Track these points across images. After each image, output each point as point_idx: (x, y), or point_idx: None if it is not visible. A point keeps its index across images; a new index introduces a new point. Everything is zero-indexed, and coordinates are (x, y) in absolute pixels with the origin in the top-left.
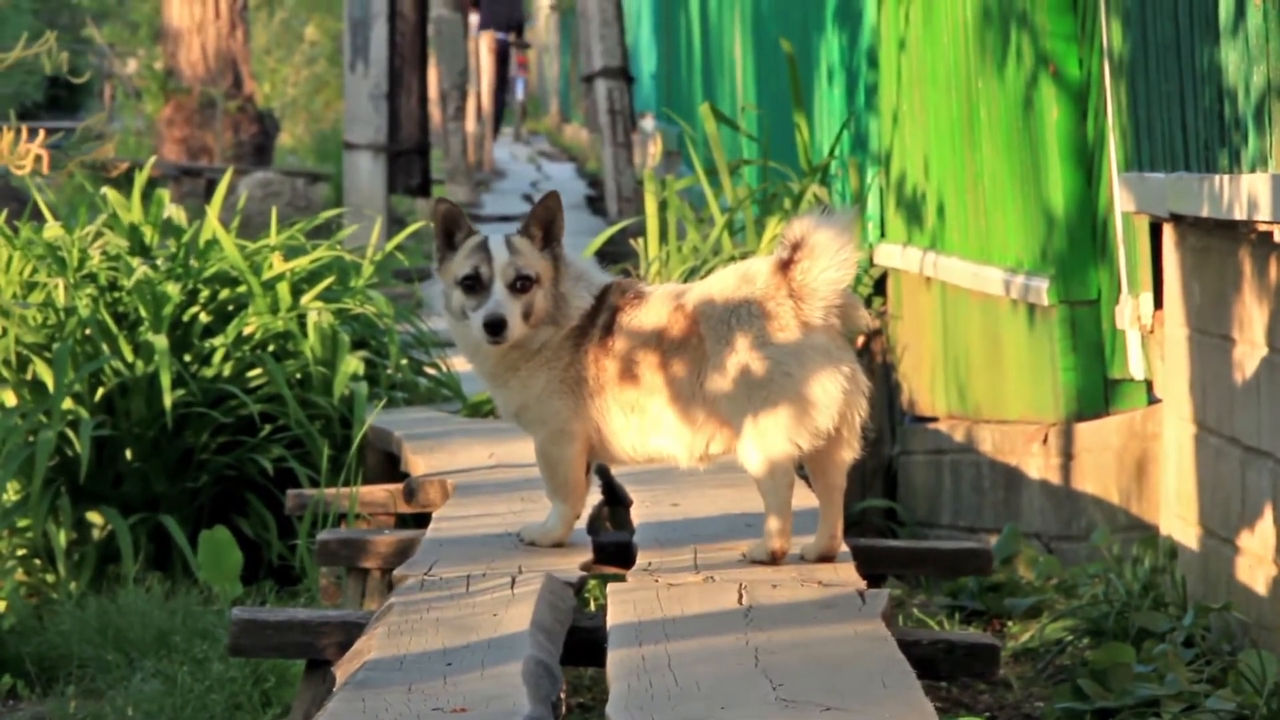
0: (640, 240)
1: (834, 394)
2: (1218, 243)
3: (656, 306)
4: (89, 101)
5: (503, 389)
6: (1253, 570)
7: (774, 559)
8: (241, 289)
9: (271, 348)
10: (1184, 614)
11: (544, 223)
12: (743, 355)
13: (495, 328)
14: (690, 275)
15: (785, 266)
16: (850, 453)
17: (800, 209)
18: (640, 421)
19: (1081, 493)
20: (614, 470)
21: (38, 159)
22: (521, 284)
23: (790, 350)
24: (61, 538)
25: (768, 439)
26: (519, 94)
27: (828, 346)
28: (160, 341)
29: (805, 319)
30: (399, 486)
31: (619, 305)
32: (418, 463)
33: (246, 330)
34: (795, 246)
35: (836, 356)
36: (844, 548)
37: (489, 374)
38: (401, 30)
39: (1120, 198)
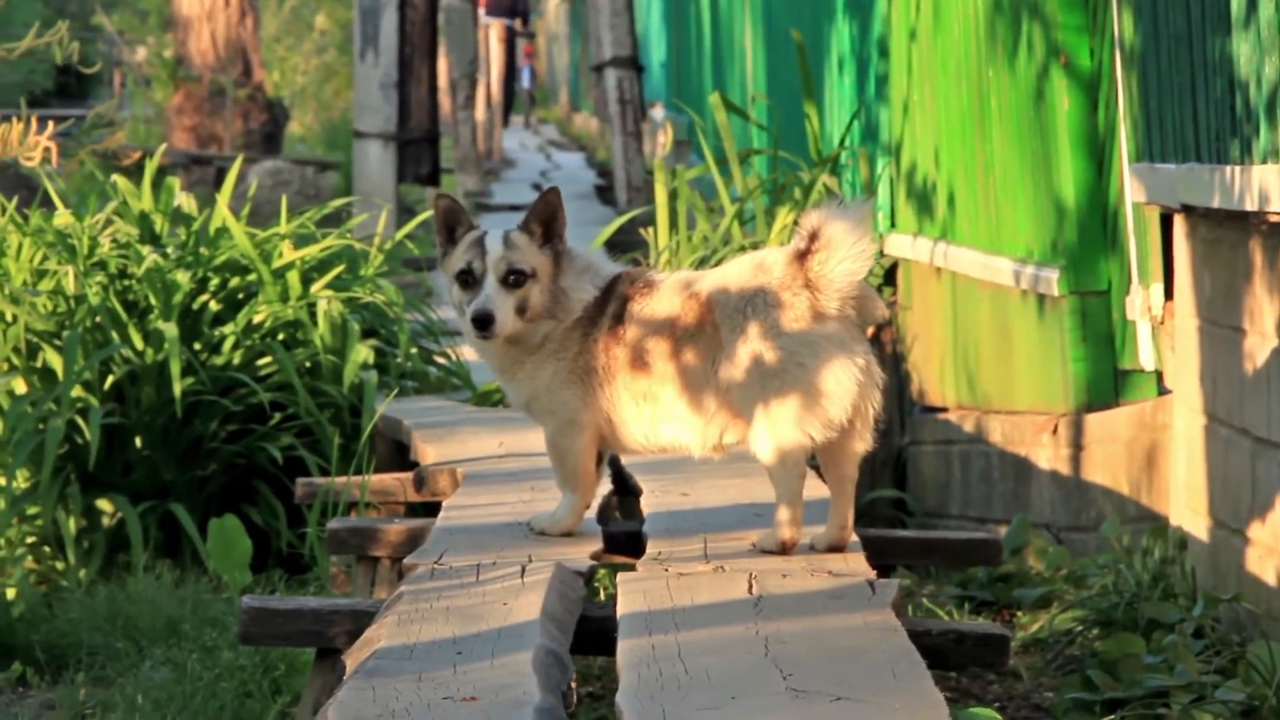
0: (650, 230)
1: (847, 385)
2: (1229, 234)
3: (668, 295)
4: (98, 89)
5: (511, 381)
6: (1263, 561)
7: (784, 549)
8: (251, 277)
9: (281, 336)
10: (1193, 605)
11: (544, 219)
12: (757, 344)
13: (483, 322)
14: (700, 265)
15: (802, 257)
16: (863, 444)
17: (810, 199)
18: (652, 410)
19: (1091, 483)
20: (624, 460)
21: (46, 150)
22: (515, 279)
23: (804, 340)
24: (71, 525)
25: (780, 428)
26: (526, 82)
27: (843, 337)
28: (170, 329)
29: (820, 309)
30: (409, 475)
31: (629, 294)
32: (427, 451)
33: (256, 318)
34: (812, 237)
35: (851, 348)
36: (854, 538)
37: (497, 367)
38: (411, 19)
39: (1131, 188)
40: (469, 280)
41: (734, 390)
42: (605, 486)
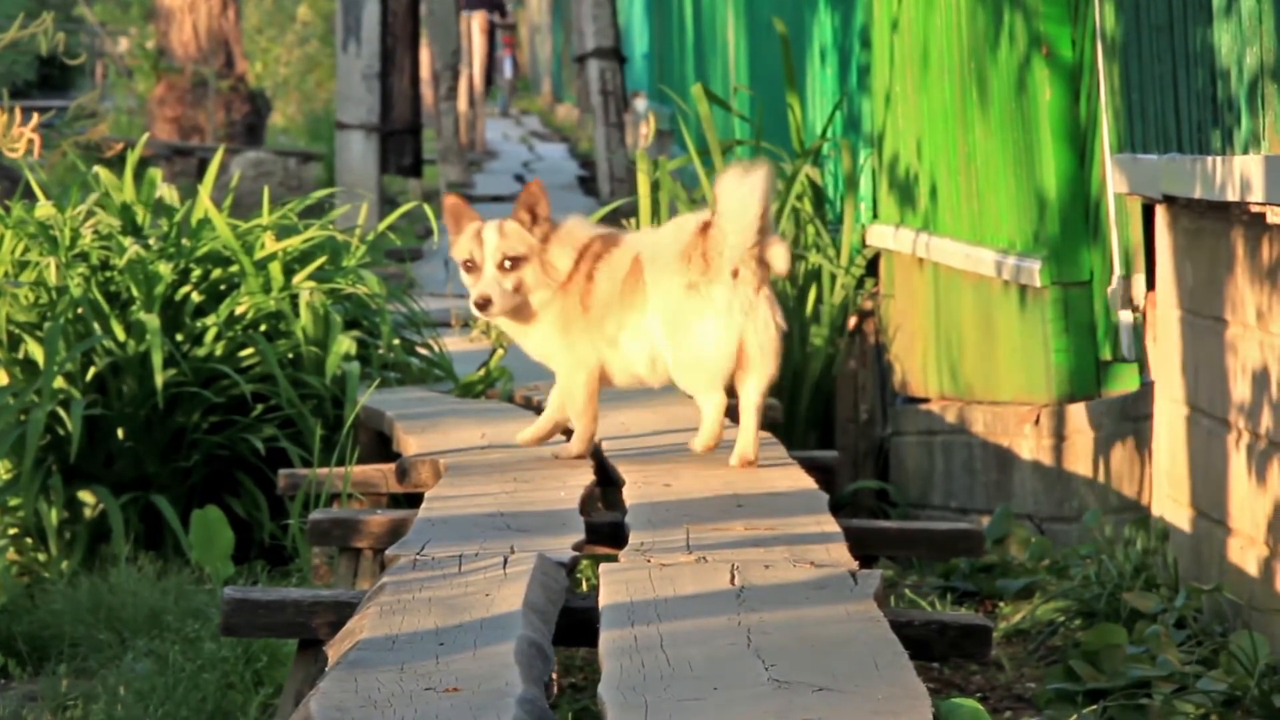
0: (633, 221)
1: (726, 338)
2: (1210, 224)
3: (625, 254)
4: (81, 81)
5: (527, 340)
6: (1244, 552)
7: (707, 449)
8: (234, 268)
9: (263, 327)
10: (1176, 595)
11: (528, 206)
12: (663, 301)
13: (482, 305)
14: None
15: (705, 228)
16: (760, 377)
17: (793, 190)
18: (618, 351)
19: (1073, 474)
20: (607, 447)
21: (30, 141)
22: (509, 263)
23: (694, 305)
24: (53, 517)
25: (689, 377)
26: (507, 73)
27: (726, 298)
28: (152, 321)
29: (711, 275)
30: (391, 466)
31: (599, 254)
32: (410, 443)
33: (238, 310)
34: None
35: (736, 305)
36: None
37: (512, 332)
38: (394, 10)
39: (1113, 179)
40: (471, 267)
41: (658, 336)
42: (588, 477)
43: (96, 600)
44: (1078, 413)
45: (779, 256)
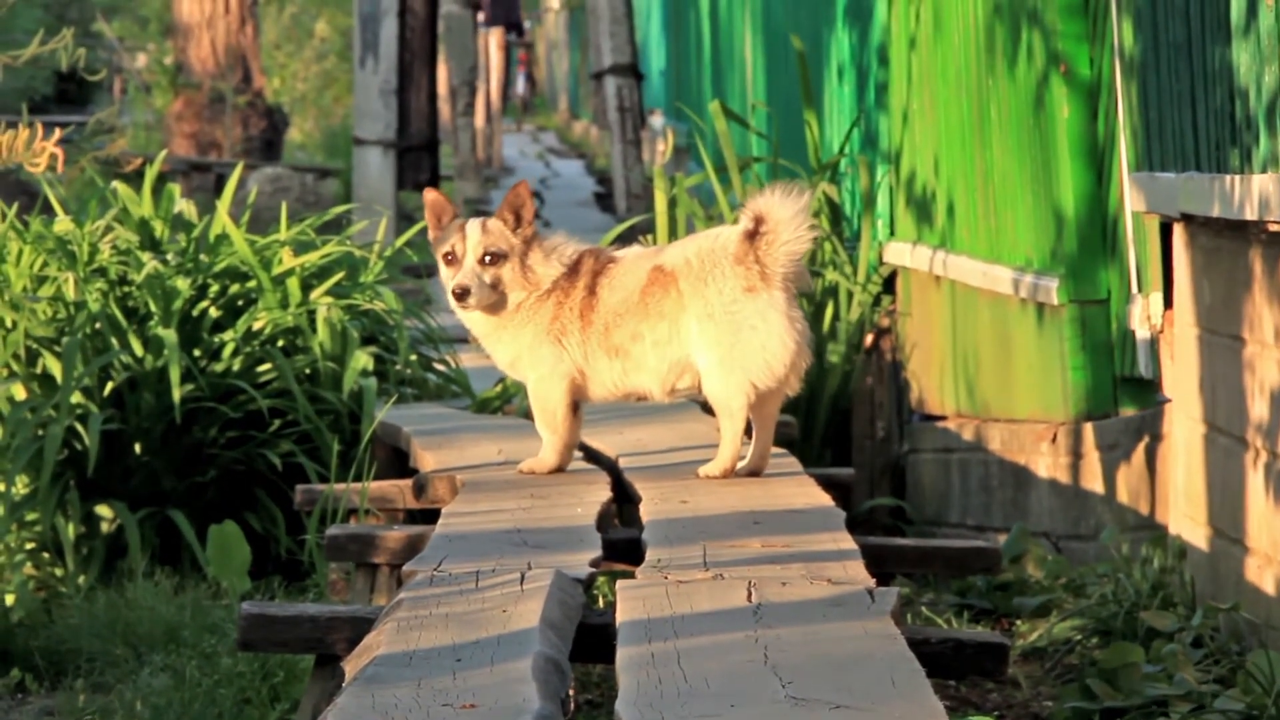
0: (649, 237)
1: (790, 346)
2: (1228, 243)
3: (634, 267)
4: (98, 96)
5: (497, 343)
6: (1261, 570)
7: (725, 474)
8: (251, 284)
9: (281, 343)
10: (1193, 614)
11: (514, 208)
12: (716, 308)
13: (461, 294)
14: None
15: (751, 236)
16: (790, 390)
17: (809, 207)
18: (623, 363)
19: (1090, 492)
20: (624, 463)
21: (51, 156)
22: (490, 258)
23: (757, 308)
24: (70, 531)
25: (734, 379)
26: (520, 89)
27: (785, 305)
28: (170, 336)
29: (767, 281)
30: (408, 482)
31: (596, 269)
32: (427, 458)
33: (256, 325)
34: (758, 220)
35: (792, 315)
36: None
37: (481, 333)
38: (411, 26)
39: (1131, 197)
40: (452, 259)
41: (695, 345)
42: (604, 494)
43: (113, 615)
44: (1094, 431)
45: (807, 276)
